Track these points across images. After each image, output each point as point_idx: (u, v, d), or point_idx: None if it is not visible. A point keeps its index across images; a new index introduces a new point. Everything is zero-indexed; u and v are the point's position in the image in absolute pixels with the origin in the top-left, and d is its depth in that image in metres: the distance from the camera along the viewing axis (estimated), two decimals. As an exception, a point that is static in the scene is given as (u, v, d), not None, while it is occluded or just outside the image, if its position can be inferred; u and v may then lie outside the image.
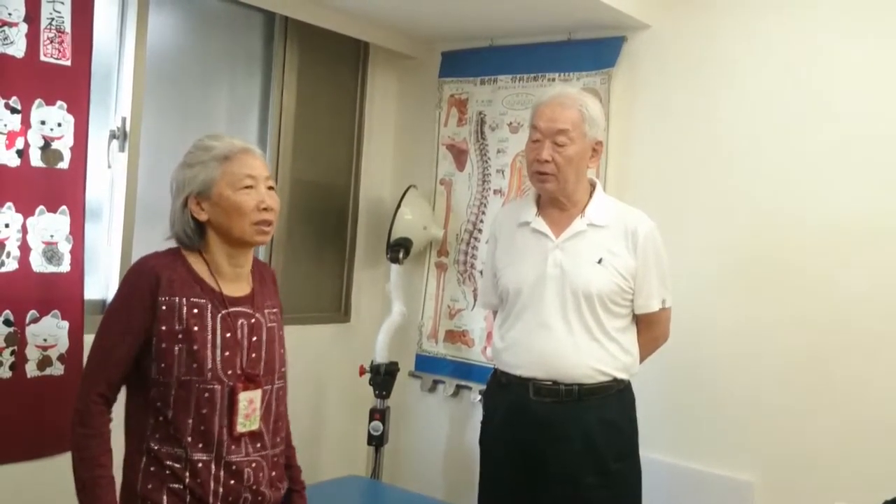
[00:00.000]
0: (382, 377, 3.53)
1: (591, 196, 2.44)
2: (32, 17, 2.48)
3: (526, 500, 2.40)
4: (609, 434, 2.36)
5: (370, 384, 3.55)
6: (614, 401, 2.38)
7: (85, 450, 1.79)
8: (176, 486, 1.79)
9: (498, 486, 2.48)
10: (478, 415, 3.52)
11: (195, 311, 1.82)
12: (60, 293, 2.61)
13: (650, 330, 2.47)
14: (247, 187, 1.86)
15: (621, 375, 2.39)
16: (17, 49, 2.46)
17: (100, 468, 1.77)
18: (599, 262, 2.35)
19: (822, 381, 2.78)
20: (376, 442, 3.54)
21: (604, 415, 2.35)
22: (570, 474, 2.34)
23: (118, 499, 1.80)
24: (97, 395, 1.81)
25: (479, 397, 3.51)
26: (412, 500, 3.27)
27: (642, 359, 2.49)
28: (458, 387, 3.64)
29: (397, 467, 3.76)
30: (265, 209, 1.87)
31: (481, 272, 3.56)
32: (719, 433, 2.96)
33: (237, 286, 1.92)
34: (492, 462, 2.52)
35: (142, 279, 1.83)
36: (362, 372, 3.57)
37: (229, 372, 1.83)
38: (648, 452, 2.47)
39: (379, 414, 3.54)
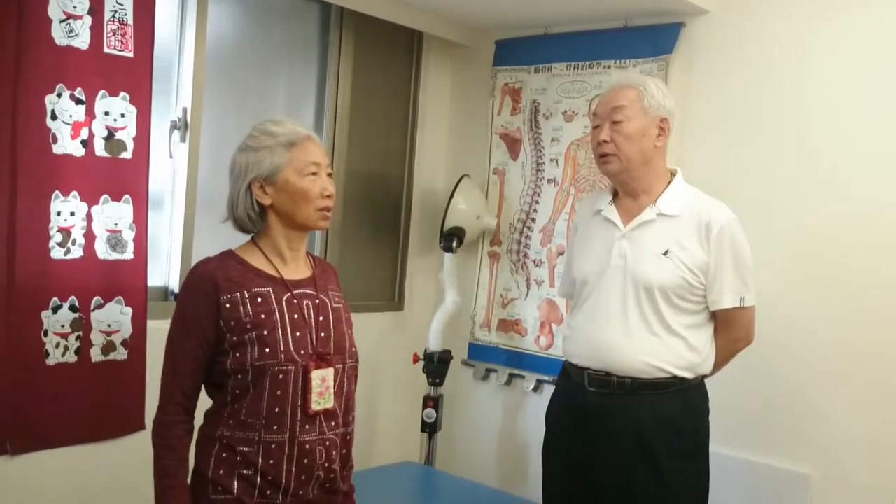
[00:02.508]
0: (436, 365, 3.56)
1: (668, 185, 2.35)
2: (96, 9, 2.54)
3: (581, 489, 2.39)
4: (664, 432, 2.27)
5: (424, 372, 3.58)
6: (674, 398, 2.28)
7: (159, 459, 1.83)
8: (247, 472, 1.81)
9: (555, 473, 2.48)
10: (530, 404, 3.55)
11: (259, 300, 1.85)
12: (124, 280, 2.67)
13: (728, 330, 2.35)
14: (312, 174, 1.89)
15: (683, 374, 2.28)
16: (82, 41, 2.52)
17: (171, 479, 1.80)
18: (665, 253, 2.27)
19: (882, 376, 2.71)
20: (430, 429, 3.57)
21: (660, 411, 2.27)
22: (621, 469, 2.29)
23: (189, 483, 1.84)
24: (174, 406, 1.84)
25: (532, 386, 3.53)
26: (465, 487, 3.29)
27: (720, 362, 2.39)
28: (511, 375, 3.65)
29: (450, 454, 3.78)
30: (328, 196, 1.91)
31: (535, 262, 3.57)
32: (777, 425, 2.91)
33: (296, 269, 1.95)
34: (551, 448, 2.51)
35: (200, 285, 1.85)
36: (416, 360, 3.60)
37: (301, 352, 1.85)
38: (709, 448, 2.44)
39: (432, 401, 3.56)
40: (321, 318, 1.91)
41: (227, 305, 1.83)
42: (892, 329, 2.71)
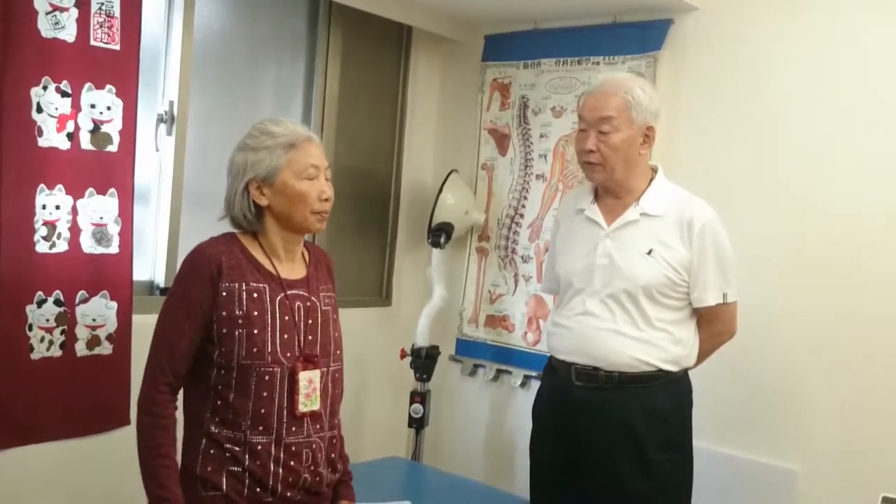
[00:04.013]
0: (423, 360, 3.56)
1: (650, 183, 2.38)
2: (83, 2, 2.51)
3: (569, 482, 2.40)
4: (652, 423, 2.31)
5: (411, 367, 3.58)
6: (661, 390, 2.32)
7: (150, 438, 1.80)
8: (235, 468, 1.81)
9: (543, 467, 2.49)
10: (517, 399, 3.55)
11: (255, 295, 1.84)
12: (109, 274, 2.65)
13: (711, 325, 2.39)
14: (310, 177, 1.88)
15: (669, 367, 2.32)
16: (68, 34, 2.50)
17: (162, 457, 1.79)
18: (649, 253, 2.30)
19: (868, 372, 2.73)
20: (417, 424, 3.57)
21: (647, 403, 2.30)
22: (609, 460, 2.31)
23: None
24: (164, 385, 1.82)
25: (520, 382, 3.54)
26: (451, 482, 3.29)
27: (704, 355, 2.42)
28: (499, 371, 3.65)
29: (437, 449, 3.78)
30: (325, 200, 1.90)
31: (523, 257, 3.57)
32: (763, 422, 2.93)
33: (292, 268, 1.94)
34: (538, 443, 2.52)
35: (203, 267, 1.83)
36: (403, 355, 3.60)
37: (288, 354, 1.84)
38: (693, 439, 2.44)
39: (419, 397, 3.56)
40: (310, 321, 1.91)
41: (224, 294, 1.82)
42: (877, 326, 2.72)
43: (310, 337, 1.90)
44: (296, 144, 1.87)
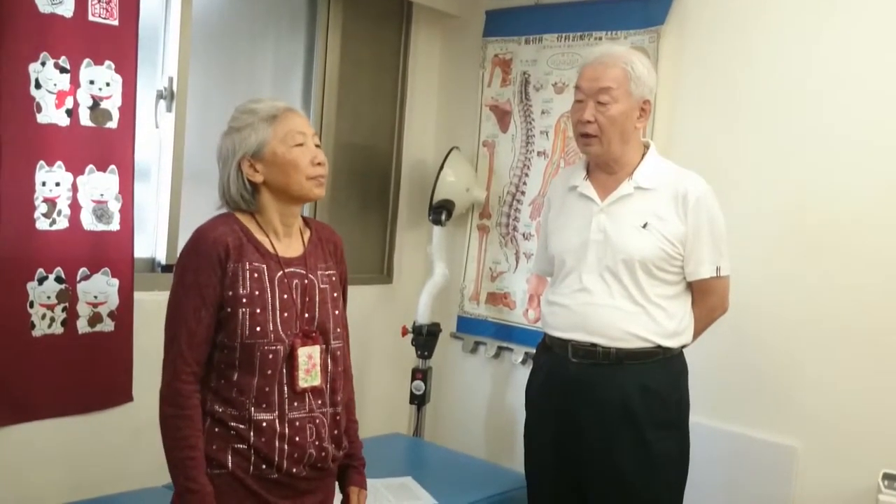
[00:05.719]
0: (424, 338, 3.56)
1: (642, 158, 2.38)
2: (80, -24, 2.50)
3: (565, 462, 2.41)
4: (648, 401, 2.30)
5: (412, 344, 3.59)
6: (658, 368, 2.32)
7: (176, 430, 1.78)
8: (241, 446, 1.81)
9: (538, 448, 2.50)
10: (518, 376, 3.55)
11: (255, 275, 1.84)
12: (110, 251, 2.65)
13: (705, 300, 2.40)
14: (298, 144, 1.88)
15: (666, 343, 2.32)
16: (66, 9, 2.48)
17: (190, 449, 1.78)
18: (644, 226, 2.30)
19: (868, 348, 2.73)
20: (418, 401, 3.59)
21: (644, 381, 2.30)
22: (604, 438, 2.32)
23: None
24: (187, 374, 1.80)
25: (521, 359, 3.54)
26: (452, 458, 3.31)
27: (699, 331, 2.42)
28: (500, 348, 3.66)
29: (438, 426, 3.80)
30: (319, 164, 1.90)
31: (524, 235, 3.56)
32: (763, 398, 2.93)
33: (290, 246, 1.94)
34: (534, 423, 2.53)
35: (210, 250, 1.82)
36: (405, 332, 3.60)
37: (289, 331, 1.85)
38: (692, 416, 2.45)
39: (421, 374, 3.58)
40: (307, 299, 1.91)
41: (230, 275, 1.82)
42: (877, 300, 2.72)
43: (307, 314, 1.90)
44: (277, 116, 1.89)
